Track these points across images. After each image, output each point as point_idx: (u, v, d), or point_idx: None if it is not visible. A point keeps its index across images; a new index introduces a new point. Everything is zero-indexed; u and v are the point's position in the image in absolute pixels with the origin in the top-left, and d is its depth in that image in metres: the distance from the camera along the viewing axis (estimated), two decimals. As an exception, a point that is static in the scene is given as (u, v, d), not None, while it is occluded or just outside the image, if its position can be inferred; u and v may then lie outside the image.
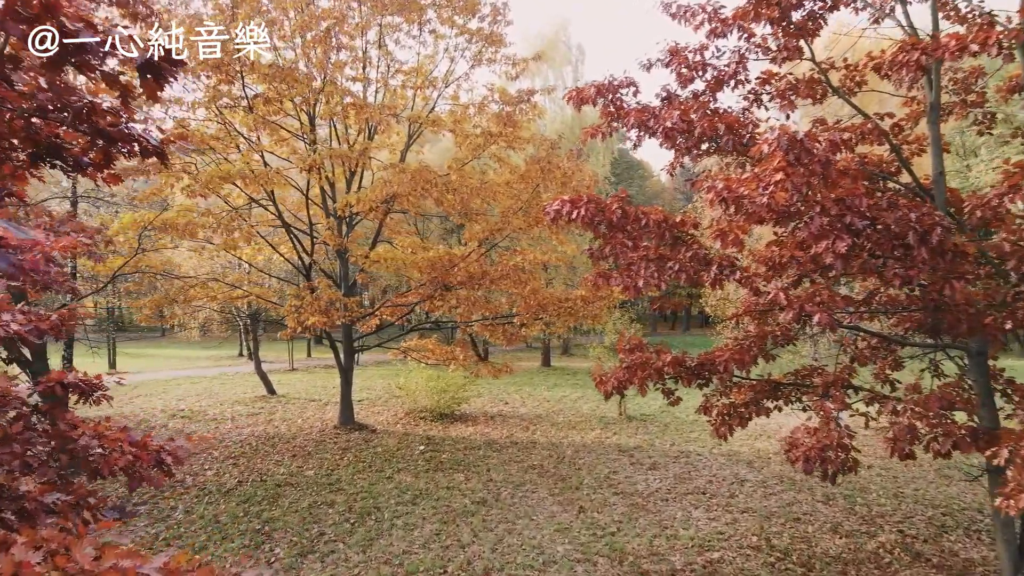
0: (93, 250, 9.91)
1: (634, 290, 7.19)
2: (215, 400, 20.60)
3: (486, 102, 15.64)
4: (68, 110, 3.38)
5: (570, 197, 7.49)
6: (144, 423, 16.99)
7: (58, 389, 5.04)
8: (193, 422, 17.32)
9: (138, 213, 13.47)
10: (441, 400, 17.93)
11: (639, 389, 8.12)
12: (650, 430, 16.64)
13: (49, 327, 5.44)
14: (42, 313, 5.49)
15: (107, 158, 3.88)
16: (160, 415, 18.10)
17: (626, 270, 7.45)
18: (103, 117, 3.46)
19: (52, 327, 5.47)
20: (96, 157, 3.88)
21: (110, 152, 3.82)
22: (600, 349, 19.94)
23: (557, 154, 15.42)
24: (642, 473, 12.83)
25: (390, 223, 18.88)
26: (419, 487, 11.82)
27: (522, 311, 15.17)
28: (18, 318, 5.22)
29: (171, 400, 20.64)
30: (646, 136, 8.44)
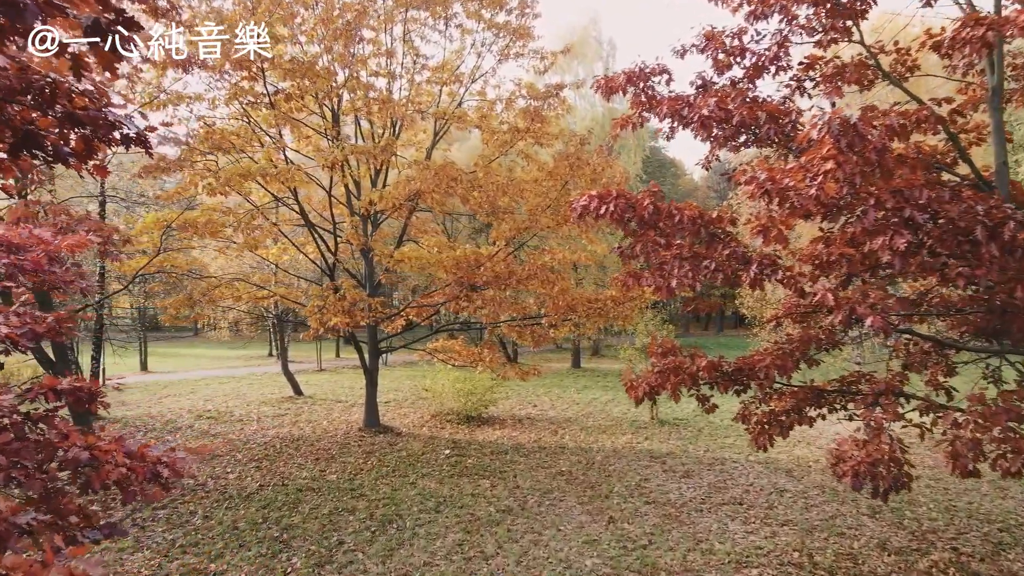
0: (109, 249, 9.76)
1: (667, 291, 6.75)
2: (242, 401, 20.52)
3: (513, 97, 15.25)
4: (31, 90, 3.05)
5: (598, 192, 7.07)
6: (170, 424, 16.91)
7: (50, 396, 4.74)
8: (219, 423, 17.20)
9: (161, 212, 13.33)
10: (468, 402, 17.57)
11: (672, 395, 7.66)
12: (683, 435, 16.07)
13: (46, 330, 5.17)
14: (39, 315, 5.22)
15: (88, 147, 3.55)
16: (187, 416, 18.03)
17: (658, 269, 7.01)
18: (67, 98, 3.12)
19: (49, 330, 5.20)
20: (77, 146, 3.56)
21: (92, 141, 3.49)
22: (631, 351, 19.38)
23: (586, 150, 14.98)
24: (675, 481, 12.30)
25: (416, 222, 18.59)
26: (443, 494, 11.45)
27: (551, 312, 14.75)
28: (12, 320, 4.96)
29: (199, 400, 20.60)
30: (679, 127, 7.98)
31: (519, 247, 17.05)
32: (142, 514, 10.26)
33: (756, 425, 7.87)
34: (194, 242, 15.34)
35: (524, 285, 14.52)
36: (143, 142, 3.50)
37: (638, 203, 6.92)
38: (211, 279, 15.47)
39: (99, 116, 3.21)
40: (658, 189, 7.19)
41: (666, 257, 6.97)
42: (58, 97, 3.05)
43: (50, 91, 3.05)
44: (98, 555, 8.70)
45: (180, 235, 13.54)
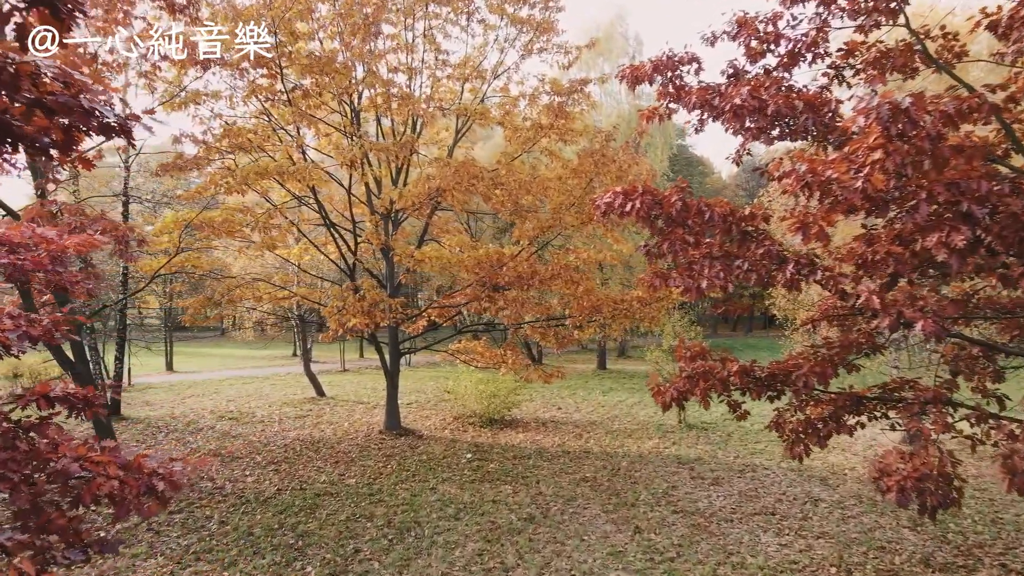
0: (123, 250, 9.61)
1: (696, 292, 6.36)
2: (264, 401, 20.43)
3: (537, 93, 14.89)
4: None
5: (623, 188, 6.70)
6: (192, 424, 16.83)
7: (42, 403, 4.50)
8: (241, 424, 17.09)
9: (181, 212, 13.22)
10: (491, 405, 17.25)
11: (701, 402, 7.25)
12: (712, 440, 15.59)
13: (41, 333, 4.94)
14: (34, 318, 5.00)
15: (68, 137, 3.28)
16: (209, 416, 17.95)
17: (686, 269, 6.62)
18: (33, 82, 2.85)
19: (45, 333, 4.97)
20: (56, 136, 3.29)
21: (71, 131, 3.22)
22: (657, 352, 18.91)
23: (612, 147, 14.56)
24: (704, 489, 11.86)
25: (438, 222, 18.33)
26: (463, 500, 11.14)
27: (575, 312, 14.37)
28: (4, 323, 4.73)
29: (222, 401, 20.56)
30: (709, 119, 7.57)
31: (543, 247, 16.69)
32: (158, 518, 10.09)
33: (791, 434, 7.44)
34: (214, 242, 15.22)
35: (547, 285, 14.16)
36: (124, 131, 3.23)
37: (665, 200, 6.55)
38: (232, 279, 15.34)
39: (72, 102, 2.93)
40: (686, 185, 6.80)
41: (695, 256, 6.61)
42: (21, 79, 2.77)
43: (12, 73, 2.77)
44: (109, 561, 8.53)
45: (200, 235, 13.40)
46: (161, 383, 24.85)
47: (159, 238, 13.77)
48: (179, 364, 30.95)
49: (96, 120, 3.09)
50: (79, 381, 12.05)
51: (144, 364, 29.27)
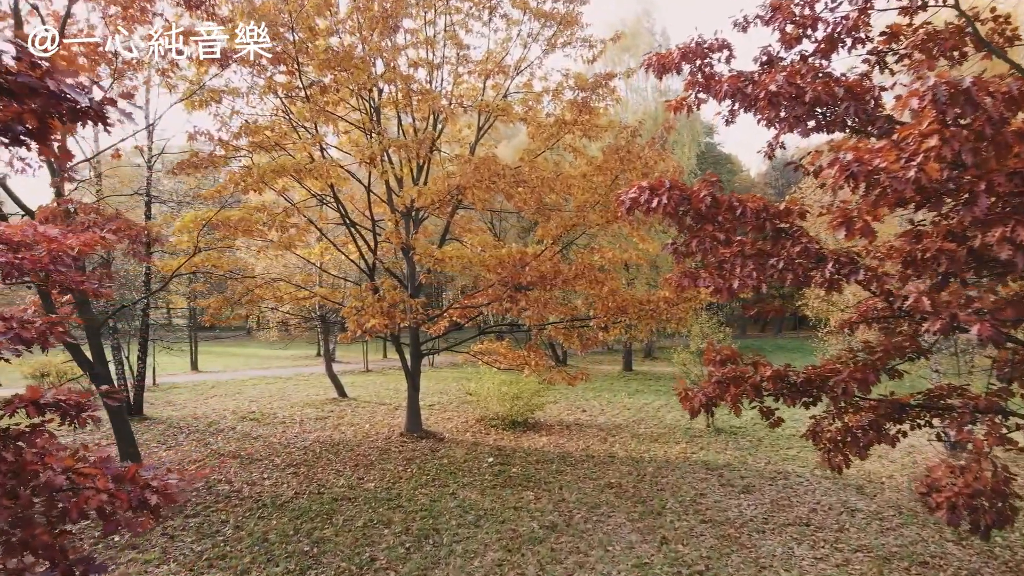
0: (137, 249, 9.45)
1: (727, 292, 5.99)
2: (286, 402, 20.33)
3: (561, 88, 14.51)
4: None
5: (649, 183, 6.33)
6: (213, 425, 16.74)
7: (31, 411, 4.26)
8: (262, 425, 16.97)
9: (200, 212, 13.09)
10: (514, 407, 16.91)
11: (732, 408, 6.87)
12: (741, 445, 15.09)
13: (35, 336, 4.72)
14: (26, 320, 4.78)
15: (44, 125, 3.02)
16: (230, 417, 17.87)
17: (717, 269, 6.25)
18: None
19: (39, 335, 4.75)
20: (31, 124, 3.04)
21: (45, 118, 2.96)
22: (685, 354, 18.42)
23: (638, 143, 14.16)
24: (733, 497, 11.40)
25: (460, 221, 18.05)
26: (484, 506, 10.82)
27: (600, 313, 13.97)
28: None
29: (244, 401, 20.51)
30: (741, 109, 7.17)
31: (567, 246, 16.31)
32: (173, 522, 9.92)
33: (829, 443, 7.02)
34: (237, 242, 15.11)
35: (571, 285, 13.79)
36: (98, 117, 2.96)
37: (694, 195, 6.18)
38: (251, 279, 15.20)
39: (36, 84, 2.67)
40: (716, 179, 6.41)
41: (726, 255, 6.23)
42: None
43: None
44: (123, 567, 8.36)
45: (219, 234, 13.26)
46: (185, 383, 24.92)
47: (179, 237, 13.68)
48: (204, 364, 31.10)
49: (66, 104, 2.82)
50: (97, 382, 11.99)
51: (170, 364, 29.49)
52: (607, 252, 16.04)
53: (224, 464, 13.15)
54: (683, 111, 7.04)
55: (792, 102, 5.85)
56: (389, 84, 12.74)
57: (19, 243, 5.31)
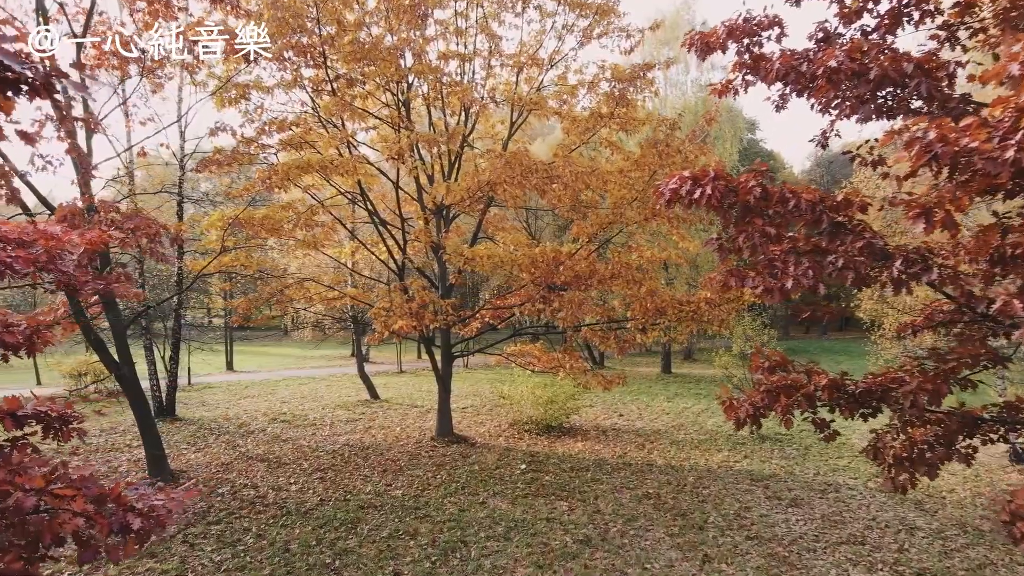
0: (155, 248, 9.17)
1: (779, 293, 5.40)
2: (318, 403, 20.13)
3: (596, 80, 13.92)
4: None
5: (691, 173, 5.77)
6: (243, 427, 16.57)
7: (7, 423, 3.90)
8: (292, 427, 16.75)
9: (228, 210, 12.86)
10: (548, 411, 16.37)
11: (782, 420, 6.27)
12: (788, 453, 14.32)
13: (20, 340, 4.37)
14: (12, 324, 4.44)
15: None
16: (261, 418, 17.70)
17: (767, 267, 5.65)
18: None
19: (24, 339, 4.41)
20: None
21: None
22: (727, 357, 17.69)
23: (677, 136, 13.53)
24: (781, 511, 10.71)
25: (493, 219, 17.58)
26: (515, 517, 10.32)
27: (637, 315, 13.35)
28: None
29: (276, 402, 20.37)
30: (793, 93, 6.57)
31: (603, 244, 15.72)
32: (195, 529, 9.65)
33: (893, 460, 6.35)
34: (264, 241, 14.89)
35: (607, 285, 13.21)
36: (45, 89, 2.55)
37: (741, 186, 5.61)
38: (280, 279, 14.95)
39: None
40: (765, 168, 5.83)
41: (776, 252, 5.62)
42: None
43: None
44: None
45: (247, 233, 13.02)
46: (220, 383, 24.96)
47: (207, 237, 13.49)
48: (240, 363, 31.25)
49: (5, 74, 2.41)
50: (123, 383, 11.81)
51: (206, 363, 29.68)
52: (645, 251, 15.40)
53: (251, 468, 12.90)
54: (728, 95, 6.45)
55: (854, 80, 5.22)
56: (418, 76, 12.31)
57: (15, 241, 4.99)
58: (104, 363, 11.87)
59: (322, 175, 11.83)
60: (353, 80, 11.19)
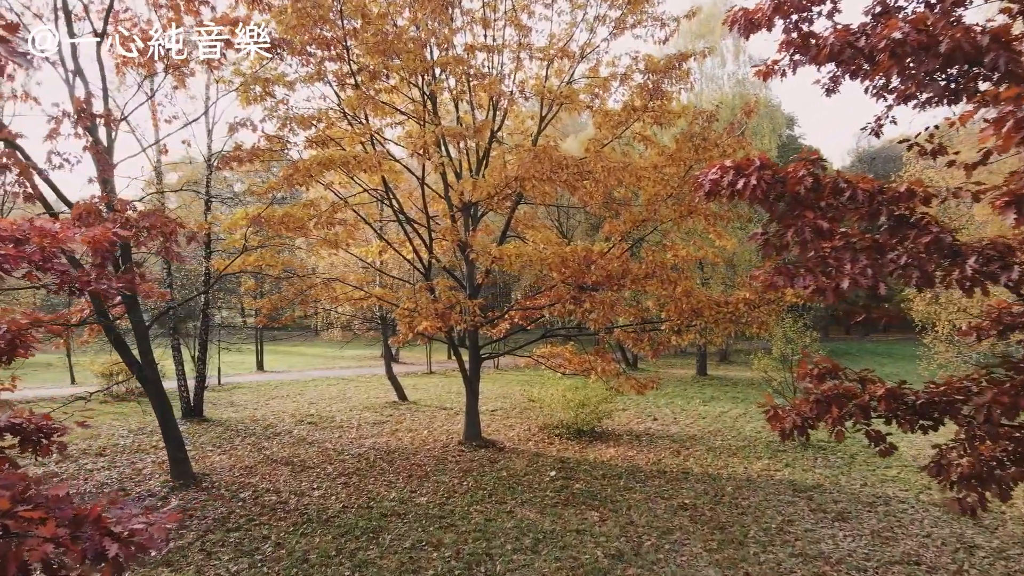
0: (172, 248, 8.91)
1: (833, 293, 4.90)
2: (346, 405, 19.90)
3: (630, 72, 13.38)
4: None
5: (734, 162, 5.31)
6: (270, 428, 16.39)
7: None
8: (319, 429, 16.51)
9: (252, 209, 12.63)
10: (579, 415, 15.85)
11: (833, 432, 5.77)
12: (832, 462, 13.59)
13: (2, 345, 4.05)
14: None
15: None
16: (288, 420, 17.52)
17: (818, 264, 5.12)
18: None
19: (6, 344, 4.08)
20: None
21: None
22: (766, 361, 16.98)
23: (714, 129, 12.94)
24: (827, 526, 10.06)
25: (522, 218, 17.12)
26: (543, 527, 9.85)
27: (672, 316, 12.79)
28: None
29: (304, 403, 20.21)
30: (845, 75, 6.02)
31: (636, 243, 15.17)
32: (213, 536, 9.38)
33: (959, 480, 5.74)
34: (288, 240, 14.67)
35: (641, 285, 12.66)
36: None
37: (790, 176, 5.12)
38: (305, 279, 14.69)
39: None
40: (817, 156, 5.31)
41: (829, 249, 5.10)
42: None
43: None
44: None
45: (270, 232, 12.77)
46: (249, 383, 24.94)
47: (231, 236, 13.28)
48: (270, 363, 31.28)
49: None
50: (144, 384, 11.64)
51: (239, 363, 29.79)
52: (680, 250, 14.80)
53: (275, 471, 12.65)
54: (775, 78, 5.91)
55: (920, 55, 4.65)
56: (443, 68, 11.90)
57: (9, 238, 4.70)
58: (126, 363, 11.73)
59: (344, 171, 11.50)
60: (376, 73, 10.83)
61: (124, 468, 12.84)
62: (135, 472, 12.54)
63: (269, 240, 13.34)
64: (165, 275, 16.96)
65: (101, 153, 9.72)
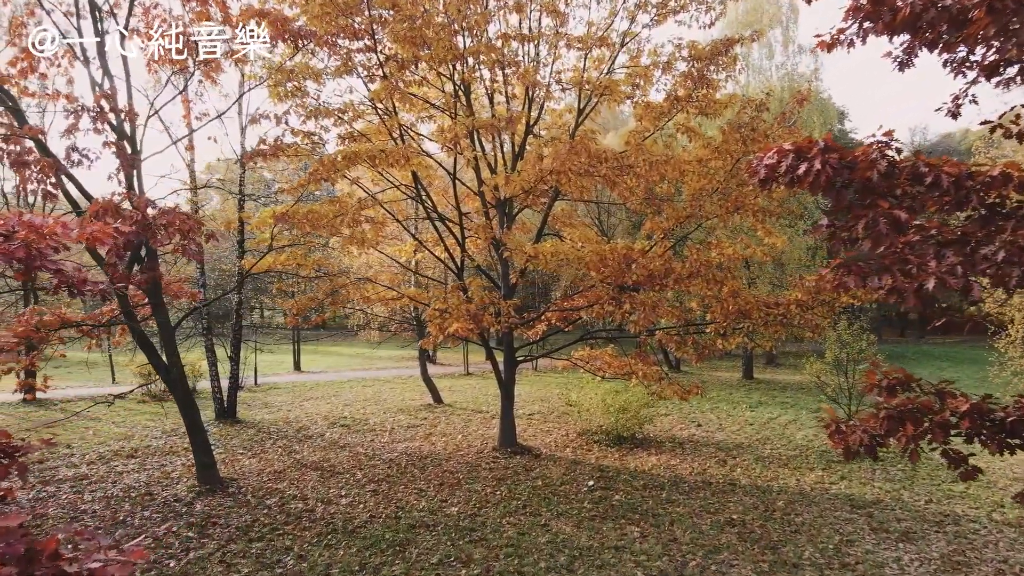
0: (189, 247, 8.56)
1: (915, 295, 4.22)
2: (380, 407, 19.55)
3: (672, 60, 12.66)
4: None
5: (794, 144, 4.65)
6: (302, 431, 16.10)
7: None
8: (351, 432, 16.16)
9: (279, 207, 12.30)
10: (619, 420, 15.15)
11: (906, 452, 5.09)
12: (892, 475, 12.66)
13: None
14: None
15: None
16: (321, 422, 17.23)
17: (894, 260, 4.44)
18: None
19: None
20: None
21: None
22: (818, 365, 16.03)
23: (764, 119, 12.15)
24: (890, 547, 9.22)
25: (560, 215, 16.51)
26: (580, 543, 9.23)
27: (717, 318, 12.05)
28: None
29: (339, 405, 19.93)
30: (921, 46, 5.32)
31: (679, 241, 14.43)
32: (235, 546, 9.00)
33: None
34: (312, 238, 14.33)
35: (685, 285, 11.93)
36: None
37: (860, 160, 4.45)
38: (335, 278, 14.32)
39: None
40: (891, 134, 4.65)
41: (906, 244, 4.44)
42: None
43: None
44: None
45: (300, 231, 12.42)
46: (286, 383, 24.83)
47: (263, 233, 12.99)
48: (307, 363, 31.23)
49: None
50: (171, 386, 11.39)
51: (277, 363, 29.80)
52: (726, 248, 14.01)
53: (304, 476, 12.29)
54: (840, 49, 5.22)
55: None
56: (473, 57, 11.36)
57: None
58: (153, 365, 11.50)
59: (371, 166, 11.05)
60: (405, 62, 10.36)
61: (154, 471, 12.63)
62: (164, 476, 12.32)
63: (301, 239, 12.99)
64: (198, 275, 16.82)
65: (123, 149, 9.44)
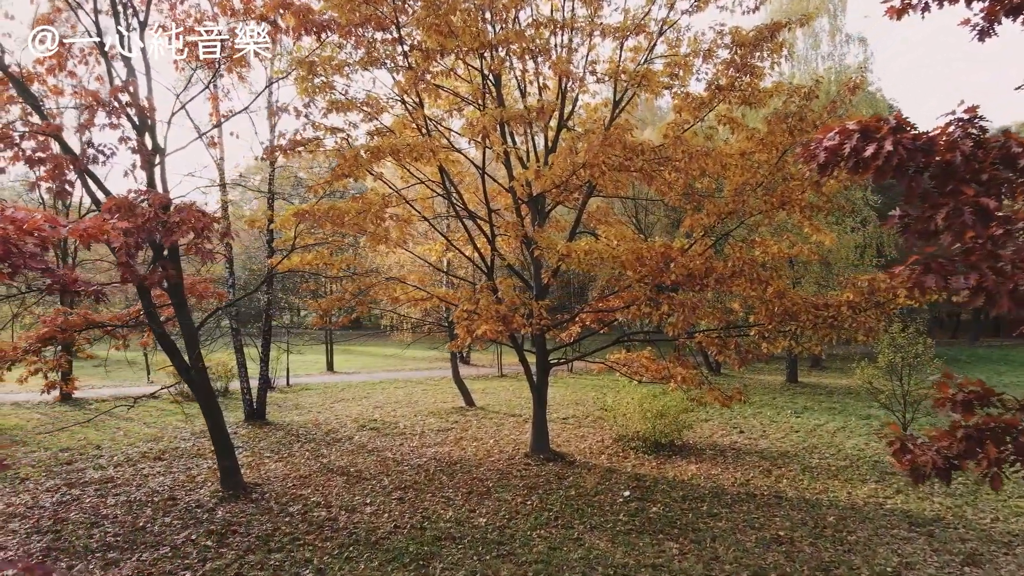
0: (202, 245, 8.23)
1: (1009, 299, 3.60)
2: (411, 409, 19.20)
3: (713, 47, 11.98)
4: None
5: (860, 123, 4.04)
6: (331, 434, 15.81)
7: None
8: (381, 435, 15.82)
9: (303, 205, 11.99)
10: (657, 426, 14.49)
11: (987, 478, 4.43)
12: (953, 489, 11.77)
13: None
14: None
15: None
16: (351, 425, 16.93)
17: (984, 256, 3.81)
18: None
19: None
20: None
21: None
22: (870, 370, 15.14)
23: (812, 109, 11.42)
24: (954, 570, 8.44)
25: (595, 212, 15.92)
26: (614, 560, 8.65)
27: (762, 319, 11.34)
28: None
29: (369, 406, 19.65)
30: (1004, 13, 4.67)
31: (720, 238, 13.73)
32: (253, 557, 8.65)
33: None
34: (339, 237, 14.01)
35: (727, 285, 11.22)
36: None
37: (938, 140, 3.82)
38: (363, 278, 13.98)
39: None
40: (974, 112, 4.01)
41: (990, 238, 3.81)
42: None
43: None
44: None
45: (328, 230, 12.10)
46: (318, 384, 24.69)
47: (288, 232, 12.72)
48: (341, 364, 31.14)
49: None
50: (193, 388, 11.17)
51: (312, 364, 29.74)
52: (771, 246, 13.27)
53: (329, 482, 11.94)
54: (913, 13, 4.58)
55: None
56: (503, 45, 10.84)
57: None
58: (175, 367, 11.27)
59: (396, 161, 10.62)
60: (431, 52, 9.90)
61: (179, 474, 12.43)
62: (188, 479, 12.09)
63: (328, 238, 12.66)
64: (227, 275, 16.67)
65: (141, 145, 9.17)
